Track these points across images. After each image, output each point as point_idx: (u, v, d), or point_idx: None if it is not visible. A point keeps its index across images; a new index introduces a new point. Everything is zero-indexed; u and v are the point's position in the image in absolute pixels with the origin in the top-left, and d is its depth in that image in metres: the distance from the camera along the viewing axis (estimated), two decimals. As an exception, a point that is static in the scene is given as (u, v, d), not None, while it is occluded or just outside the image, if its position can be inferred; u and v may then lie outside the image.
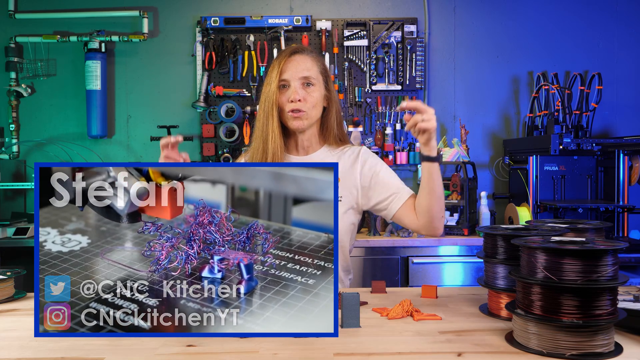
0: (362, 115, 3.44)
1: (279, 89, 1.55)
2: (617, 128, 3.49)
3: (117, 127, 3.51)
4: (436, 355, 0.99)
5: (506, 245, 1.22)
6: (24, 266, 1.64)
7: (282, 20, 3.35)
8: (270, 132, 1.54)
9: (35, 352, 1.02)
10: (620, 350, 0.99)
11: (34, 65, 3.47)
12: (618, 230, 2.95)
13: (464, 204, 2.99)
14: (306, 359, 0.97)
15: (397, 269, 2.86)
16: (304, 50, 1.59)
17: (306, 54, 1.58)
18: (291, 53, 1.56)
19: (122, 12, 3.45)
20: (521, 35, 3.49)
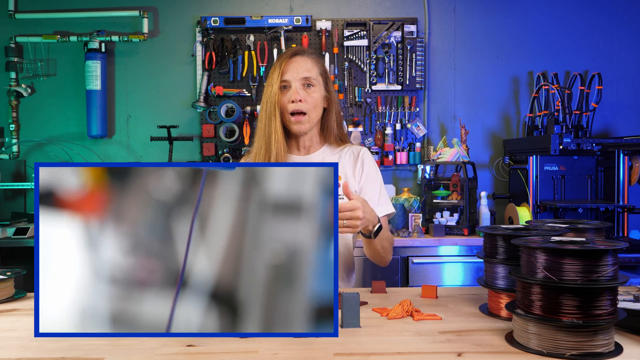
0: (362, 115, 3.44)
1: (280, 90, 1.57)
2: (617, 128, 3.49)
3: (117, 127, 3.51)
4: (436, 355, 0.99)
5: (506, 245, 1.22)
6: (24, 266, 1.64)
7: (282, 20, 3.35)
8: (273, 133, 1.56)
9: (35, 352, 1.02)
10: (620, 350, 0.99)
11: (34, 65, 3.47)
12: (618, 230, 2.95)
13: (464, 204, 2.99)
14: (306, 359, 0.97)
15: (397, 269, 2.86)
16: (305, 52, 1.62)
17: (307, 56, 1.61)
18: (292, 55, 1.59)
19: (122, 12, 3.45)
20: (521, 35, 3.49)
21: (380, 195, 1.65)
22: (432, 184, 3.18)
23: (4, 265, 2.84)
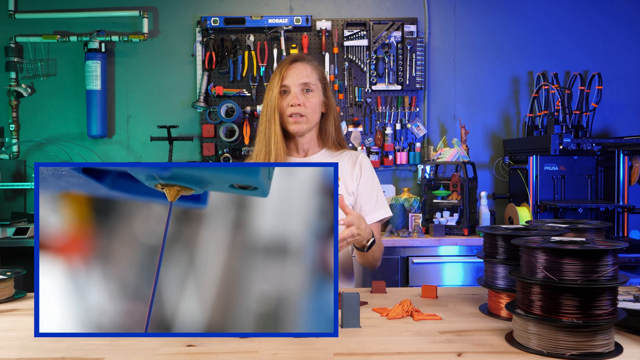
0: (362, 115, 3.44)
1: (280, 94, 1.63)
2: (617, 128, 3.49)
3: (117, 127, 3.50)
4: (436, 355, 0.99)
5: (506, 245, 1.22)
6: (24, 266, 1.64)
7: (282, 20, 3.35)
8: (273, 135, 1.61)
9: (35, 352, 1.02)
10: (620, 350, 0.99)
11: (34, 65, 3.47)
12: (618, 230, 2.95)
13: (464, 204, 2.99)
14: (306, 359, 0.97)
15: (397, 269, 2.86)
16: (304, 58, 1.67)
17: (306, 62, 1.66)
18: (292, 61, 1.65)
19: (122, 12, 3.45)
20: (521, 35, 3.49)
21: (377, 200, 1.70)
22: (432, 184, 3.18)
23: (4, 265, 2.83)
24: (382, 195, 1.73)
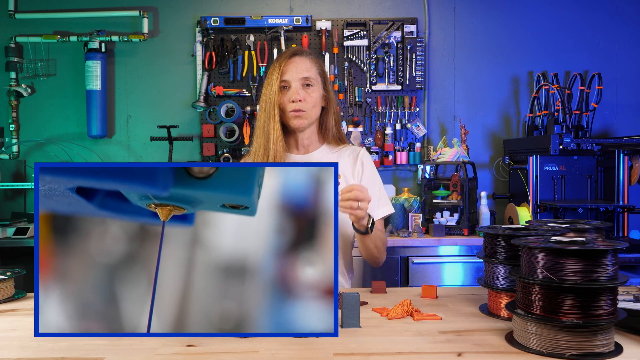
0: (362, 115, 3.44)
1: (280, 89, 1.60)
2: (617, 128, 3.49)
3: (117, 127, 3.51)
4: (436, 355, 0.99)
5: (506, 245, 1.22)
6: (24, 266, 1.64)
7: (282, 20, 3.35)
8: (272, 131, 1.58)
9: (35, 352, 1.02)
10: (620, 350, 0.99)
11: (34, 65, 3.47)
12: (618, 230, 2.95)
13: (464, 204, 2.99)
14: (306, 359, 0.97)
15: (397, 269, 2.86)
16: (303, 52, 1.64)
17: (305, 56, 1.63)
18: (291, 55, 1.62)
19: (122, 12, 3.45)
20: (521, 35, 3.49)
21: (380, 197, 1.68)
22: (432, 184, 3.18)
23: (4, 265, 2.83)
24: (384, 191, 1.70)
